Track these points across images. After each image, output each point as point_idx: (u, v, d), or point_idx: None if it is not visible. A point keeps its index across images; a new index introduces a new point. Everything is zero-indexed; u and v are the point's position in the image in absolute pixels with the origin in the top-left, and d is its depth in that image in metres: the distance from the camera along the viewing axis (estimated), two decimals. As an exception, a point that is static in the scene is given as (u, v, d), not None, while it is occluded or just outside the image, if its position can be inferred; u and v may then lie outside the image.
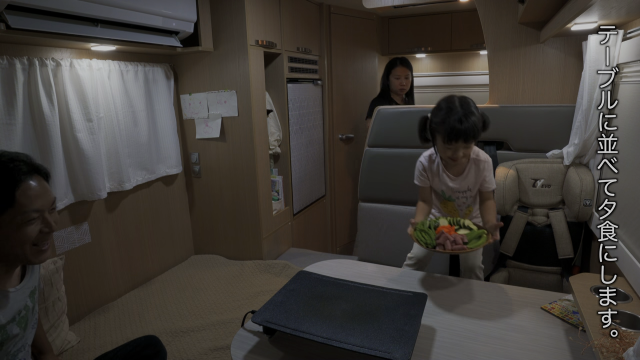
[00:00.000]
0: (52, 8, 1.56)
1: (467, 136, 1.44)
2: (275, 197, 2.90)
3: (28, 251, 1.02)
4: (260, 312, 1.17)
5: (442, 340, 1.18)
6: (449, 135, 1.45)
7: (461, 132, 1.43)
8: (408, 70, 3.11)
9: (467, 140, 1.46)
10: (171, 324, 1.99)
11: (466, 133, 1.43)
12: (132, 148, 2.30)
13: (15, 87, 1.71)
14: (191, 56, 2.57)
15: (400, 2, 2.55)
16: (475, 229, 1.44)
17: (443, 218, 1.52)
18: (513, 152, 2.12)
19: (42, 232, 1.03)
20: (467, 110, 1.46)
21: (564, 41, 2.06)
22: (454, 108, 1.47)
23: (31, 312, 1.12)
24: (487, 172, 1.59)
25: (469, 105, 1.48)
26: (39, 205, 1.02)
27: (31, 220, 1.00)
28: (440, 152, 1.57)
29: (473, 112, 1.46)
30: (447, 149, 1.51)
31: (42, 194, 1.03)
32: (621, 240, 1.41)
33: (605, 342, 0.95)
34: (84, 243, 2.11)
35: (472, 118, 1.44)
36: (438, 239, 1.37)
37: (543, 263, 1.93)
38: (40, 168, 1.07)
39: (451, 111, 1.46)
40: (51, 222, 1.05)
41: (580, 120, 1.73)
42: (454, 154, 1.50)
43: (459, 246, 1.33)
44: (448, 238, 1.35)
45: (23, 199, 0.98)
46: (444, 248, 1.34)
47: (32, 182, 1.02)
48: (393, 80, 3.10)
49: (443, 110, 1.50)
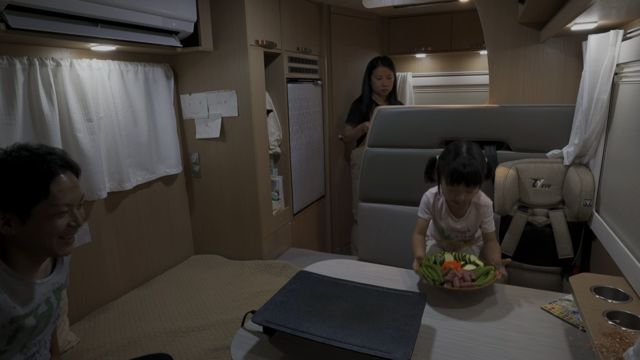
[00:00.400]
0: (52, 8, 1.56)
1: (468, 180, 1.51)
2: (275, 197, 2.90)
3: (55, 243, 1.04)
4: (260, 312, 1.17)
5: (442, 340, 1.18)
6: (452, 177, 1.52)
7: (463, 176, 1.50)
8: (390, 70, 3.04)
9: (468, 184, 1.52)
10: (171, 324, 1.99)
11: (467, 177, 1.50)
12: (132, 148, 2.30)
13: (15, 87, 1.71)
14: (191, 56, 2.57)
15: (400, 2, 2.55)
16: (482, 265, 1.44)
17: (448, 253, 1.53)
18: (513, 152, 2.11)
19: (69, 225, 1.05)
20: (472, 156, 1.53)
21: (564, 41, 2.06)
22: (460, 153, 1.54)
23: (54, 309, 1.13)
24: (487, 217, 1.65)
25: (474, 151, 1.56)
26: (69, 199, 1.04)
27: (62, 214, 1.03)
28: (444, 193, 1.64)
29: (477, 158, 1.53)
30: (450, 191, 1.57)
31: (73, 188, 1.06)
32: (621, 240, 1.41)
33: (605, 342, 0.95)
34: (84, 243, 2.11)
35: (475, 164, 1.51)
36: (446, 276, 1.37)
37: (543, 263, 1.93)
38: (72, 164, 1.09)
39: (457, 155, 1.54)
40: (79, 217, 1.07)
41: (580, 120, 1.73)
42: (456, 196, 1.56)
43: (468, 283, 1.33)
44: (456, 275, 1.35)
45: (56, 192, 1.01)
46: (452, 285, 1.34)
47: (65, 176, 1.05)
48: (375, 80, 3.05)
49: (450, 153, 1.57)
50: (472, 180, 1.51)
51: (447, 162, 1.56)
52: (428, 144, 2.22)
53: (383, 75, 3.02)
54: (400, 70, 4.31)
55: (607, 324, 1.04)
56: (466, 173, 1.50)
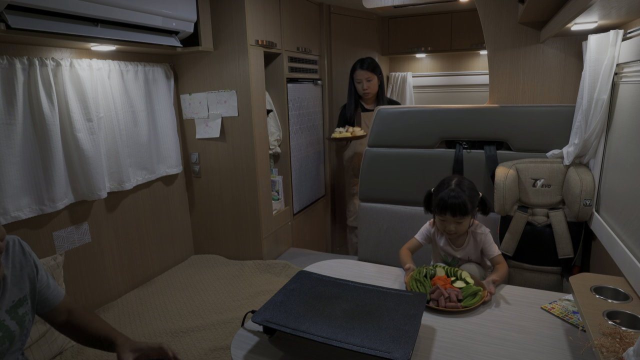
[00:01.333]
0: (52, 8, 1.56)
1: (454, 210, 1.55)
2: (275, 197, 2.90)
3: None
4: (260, 312, 1.18)
5: (442, 340, 1.18)
6: (439, 207, 1.59)
7: (448, 206, 1.56)
8: (369, 73, 2.93)
9: (454, 214, 1.56)
10: (171, 324, 1.99)
11: (453, 207, 1.55)
12: (132, 148, 2.30)
13: (15, 87, 1.71)
14: (191, 56, 2.57)
15: (400, 2, 2.55)
16: (472, 283, 1.43)
17: (440, 267, 1.52)
18: (513, 152, 2.11)
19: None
20: (461, 188, 1.58)
21: (564, 41, 2.06)
22: (450, 185, 1.61)
23: (13, 330, 1.01)
24: (486, 244, 1.66)
25: (464, 185, 1.61)
26: None
27: None
28: (437, 224, 1.69)
29: (465, 191, 1.58)
30: (441, 222, 1.63)
31: None
32: (621, 240, 1.41)
33: (605, 342, 0.95)
34: (84, 243, 2.11)
35: (462, 196, 1.56)
36: (433, 294, 1.37)
37: (543, 263, 1.93)
38: None
39: (446, 187, 1.60)
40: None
41: (580, 120, 1.73)
42: (446, 227, 1.61)
43: (453, 304, 1.32)
44: (443, 294, 1.35)
45: None
46: (437, 304, 1.34)
47: None
48: (356, 84, 2.99)
49: (441, 185, 1.64)
50: (457, 211, 1.55)
51: (437, 193, 1.63)
52: (428, 144, 2.22)
53: (362, 79, 2.94)
54: (400, 70, 4.32)
55: (607, 324, 1.04)
56: (451, 204, 1.55)
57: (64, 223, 2.00)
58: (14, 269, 1.05)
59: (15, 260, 1.06)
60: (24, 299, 1.06)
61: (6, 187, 1.71)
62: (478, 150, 2.17)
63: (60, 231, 1.98)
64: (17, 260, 1.06)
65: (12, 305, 1.03)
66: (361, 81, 2.94)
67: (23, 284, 1.06)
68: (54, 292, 1.15)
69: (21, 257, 1.07)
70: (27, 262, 1.08)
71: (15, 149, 1.73)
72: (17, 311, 1.03)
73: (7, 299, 1.02)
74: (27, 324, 1.06)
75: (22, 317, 1.04)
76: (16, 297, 1.04)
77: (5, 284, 1.02)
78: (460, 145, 2.19)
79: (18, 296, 1.04)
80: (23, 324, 1.04)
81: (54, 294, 1.15)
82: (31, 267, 1.09)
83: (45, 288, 1.12)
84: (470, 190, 1.61)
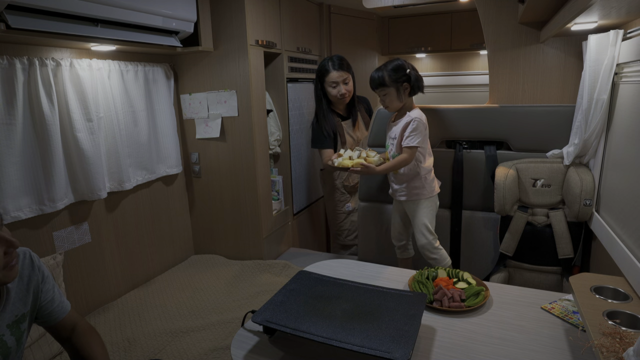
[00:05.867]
0: (52, 8, 1.56)
1: (373, 84, 1.96)
2: (275, 197, 2.90)
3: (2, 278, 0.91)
4: (261, 312, 1.17)
5: (442, 340, 1.18)
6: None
7: (370, 80, 1.97)
8: (345, 73, 2.49)
9: (374, 87, 1.96)
10: (171, 324, 1.99)
11: (372, 81, 1.96)
12: (132, 148, 2.30)
13: (15, 87, 1.71)
14: (191, 56, 2.57)
15: (400, 2, 2.55)
16: (474, 284, 1.43)
17: (442, 269, 1.52)
18: (513, 152, 2.12)
19: (7, 253, 0.90)
20: (385, 66, 1.94)
21: (564, 41, 2.06)
22: (380, 65, 1.97)
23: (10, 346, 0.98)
24: (410, 130, 1.92)
25: (388, 62, 1.95)
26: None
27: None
28: None
29: (387, 67, 1.92)
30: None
31: None
32: (621, 240, 1.41)
33: (605, 342, 0.95)
34: (84, 243, 2.11)
35: (382, 71, 1.92)
36: (436, 294, 1.37)
37: (543, 263, 1.93)
38: None
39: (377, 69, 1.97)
40: (9, 238, 0.90)
41: (580, 120, 1.73)
42: (380, 101, 2.01)
43: (457, 304, 1.32)
44: (446, 294, 1.35)
45: None
46: (441, 304, 1.34)
47: None
48: (329, 90, 2.49)
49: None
50: (374, 83, 1.95)
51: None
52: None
53: (339, 81, 2.47)
54: (400, 70, 4.31)
55: (607, 324, 1.04)
56: (371, 77, 1.96)
57: (64, 223, 2.00)
58: (20, 282, 1.02)
59: (24, 274, 1.03)
60: (27, 314, 1.03)
61: (6, 187, 1.71)
62: (478, 150, 2.17)
63: (60, 231, 1.98)
64: (25, 273, 1.03)
65: (15, 320, 1.00)
66: (337, 84, 2.47)
67: (27, 299, 1.03)
68: (59, 307, 1.12)
69: (30, 271, 1.05)
70: (35, 276, 1.05)
71: (15, 149, 1.73)
72: (19, 327, 1.01)
73: (10, 312, 0.99)
74: (23, 340, 1.03)
75: (22, 333, 1.02)
76: (19, 312, 1.01)
77: (9, 297, 0.99)
78: (460, 145, 2.19)
79: (22, 311, 1.02)
80: (21, 340, 1.02)
81: (58, 308, 1.12)
82: (37, 281, 1.06)
83: (49, 302, 1.10)
84: (395, 66, 1.92)
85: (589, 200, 1.73)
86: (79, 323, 1.17)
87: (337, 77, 2.47)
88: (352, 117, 2.69)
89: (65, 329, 1.14)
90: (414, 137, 1.91)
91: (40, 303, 1.08)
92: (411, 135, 1.91)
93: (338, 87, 2.49)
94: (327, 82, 2.50)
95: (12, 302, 0.99)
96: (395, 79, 1.91)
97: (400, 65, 1.91)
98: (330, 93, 2.51)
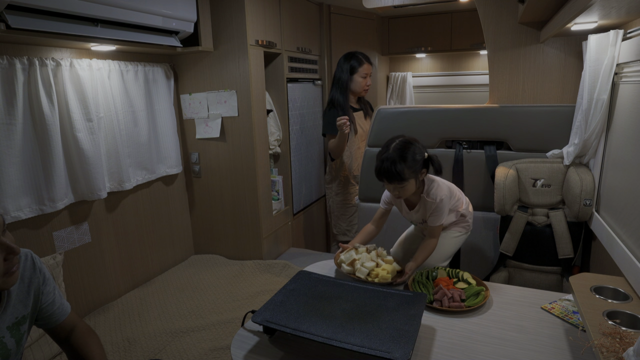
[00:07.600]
0: (52, 8, 1.56)
1: (389, 178, 1.48)
2: (275, 197, 2.90)
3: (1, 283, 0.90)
4: (261, 312, 1.17)
5: (442, 340, 1.18)
6: (376, 172, 1.52)
7: (382, 173, 1.49)
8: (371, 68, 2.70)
9: (390, 181, 1.49)
10: (171, 324, 1.99)
11: (387, 175, 1.48)
12: (132, 148, 2.30)
13: (15, 87, 1.71)
14: (191, 56, 2.57)
15: (400, 2, 2.55)
16: (474, 284, 1.43)
17: (442, 269, 1.52)
18: (513, 152, 2.11)
19: (7, 259, 0.90)
20: (399, 153, 1.47)
21: (564, 41, 2.06)
22: (388, 150, 1.50)
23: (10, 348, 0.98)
24: (432, 212, 1.58)
25: (404, 148, 1.49)
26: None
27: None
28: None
29: (403, 155, 1.47)
30: (385, 186, 1.57)
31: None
32: (621, 240, 1.41)
33: (605, 342, 0.95)
34: (84, 243, 2.11)
35: (397, 162, 1.46)
36: (436, 294, 1.37)
37: (543, 263, 1.93)
38: None
39: (385, 151, 1.50)
40: (10, 244, 0.90)
41: (580, 120, 1.73)
42: (390, 191, 1.57)
43: (457, 304, 1.32)
44: (446, 294, 1.35)
45: None
46: (441, 304, 1.34)
47: None
48: (359, 80, 2.63)
49: (383, 148, 1.53)
50: (392, 178, 1.47)
51: (378, 156, 1.53)
52: (428, 144, 2.22)
53: (368, 74, 2.65)
54: (400, 70, 4.32)
55: (607, 324, 1.04)
56: (385, 170, 1.47)
57: (64, 223, 2.00)
58: (21, 284, 1.02)
59: (25, 276, 1.03)
60: (27, 316, 1.03)
61: (6, 187, 1.71)
62: (478, 150, 2.17)
63: (60, 231, 1.98)
64: (26, 275, 1.03)
65: (15, 322, 1.00)
66: (366, 76, 2.65)
67: (28, 301, 1.03)
68: (59, 309, 1.12)
69: (31, 273, 1.04)
70: (36, 277, 1.05)
71: (15, 149, 1.73)
72: (19, 329, 1.00)
73: (10, 314, 0.99)
74: (23, 342, 1.03)
75: (22, 335, 1.01)
76: (20, 314, 1.01)
77: (9, 299, 0.99)
78: (460, 145, 2.19)
79: (22, 313, 1.01)
80: (20, 342, 1.02)
81: (59, 310, 1.12)
82: (38, 283, 1.06)
83: (50, 304, 1.09)
84: (410, 153, 1.48)
85: (589, 200, 1.73)
86: (78, 324, 1.17)
87: (368, 70, 2.65)
88: (363, 109, 2.80)
89: (65, 331, 1.14)
90: (438, 217, 1.59)
91: (40, 305, 1.07)
92: (435, 214, 1.59)
93: (367, 78, 2.66)
94: (359, 73, 2.63)
95: (12, 304, 0.99)
96: (415, 170, 1.50)
97: (416, 151, 1.51)
98: (360, 83, 2.65)
